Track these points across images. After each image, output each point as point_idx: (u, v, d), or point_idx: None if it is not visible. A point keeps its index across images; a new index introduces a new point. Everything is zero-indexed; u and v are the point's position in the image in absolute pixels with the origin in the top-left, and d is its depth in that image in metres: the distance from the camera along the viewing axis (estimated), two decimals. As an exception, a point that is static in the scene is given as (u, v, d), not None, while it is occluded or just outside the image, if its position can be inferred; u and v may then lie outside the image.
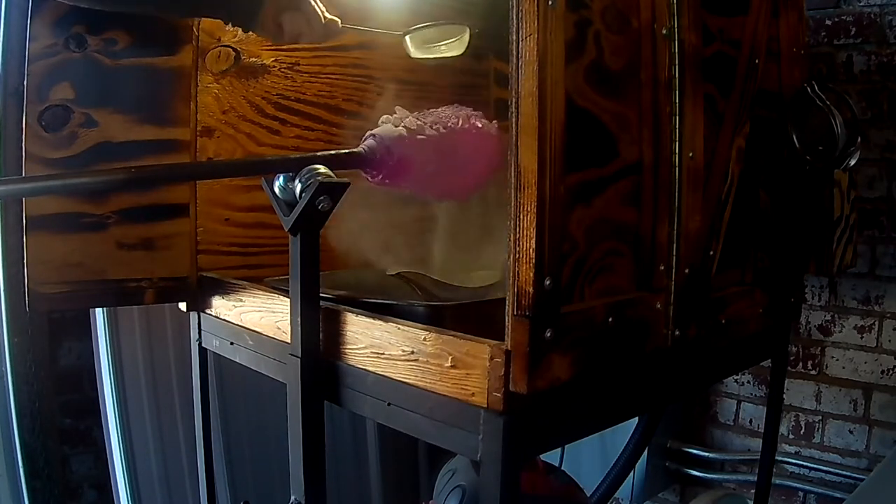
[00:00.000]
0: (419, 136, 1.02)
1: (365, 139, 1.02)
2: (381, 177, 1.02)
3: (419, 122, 1.03)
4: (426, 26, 1.11)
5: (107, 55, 1.08)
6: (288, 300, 0.94)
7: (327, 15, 1.08)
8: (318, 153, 1.03)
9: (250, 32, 1.07)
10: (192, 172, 1.13)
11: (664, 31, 0.86)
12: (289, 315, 0.94)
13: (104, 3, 0.96)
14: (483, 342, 0.75)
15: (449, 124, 1.04)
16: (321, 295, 0.94)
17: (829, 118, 1.13)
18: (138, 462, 1.67)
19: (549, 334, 0.72)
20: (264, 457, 1.82)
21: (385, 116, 1.04)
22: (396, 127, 1.01)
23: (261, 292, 1.09)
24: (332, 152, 1.02)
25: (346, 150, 1.03)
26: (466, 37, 1.10)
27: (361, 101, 1.45)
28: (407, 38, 1.11)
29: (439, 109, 1.06)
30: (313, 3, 1.06)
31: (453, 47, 1.09)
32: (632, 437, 1.64)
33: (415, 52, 1.09)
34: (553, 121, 0.71)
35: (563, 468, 1.43)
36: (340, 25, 1.09)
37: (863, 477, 1.64)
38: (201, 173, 1.15)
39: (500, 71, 1.68)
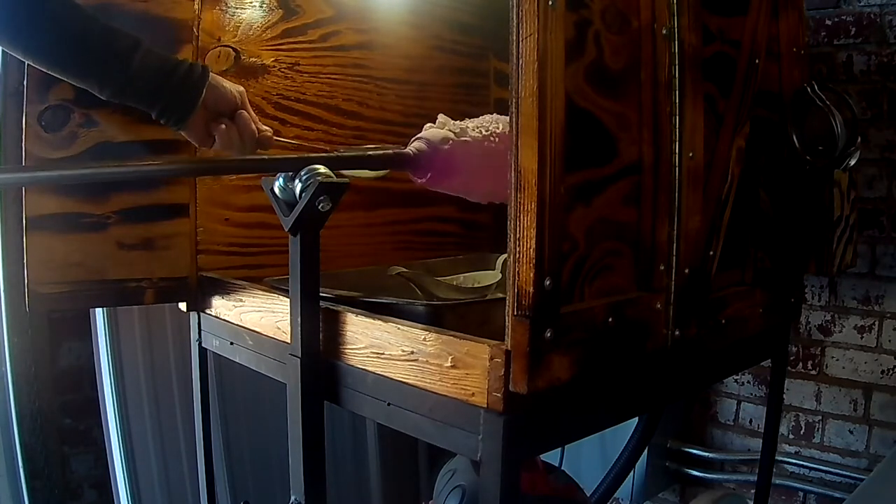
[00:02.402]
0: (464, 139, 1.04)
1: (413, 141, 1.06)
2: (427, 178, 1.06)
3: (463, 127, 1.06)
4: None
5: (107, 55, 1.08)
6: (288, 300, 0.94)
7: (262, 127, 1.05)
8: (369, 152, 1.06)
9: (189, 117, 1.00)
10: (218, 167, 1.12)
11: (664, 31, 0.86)
12: (289, 315, 0.94)
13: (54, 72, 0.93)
14: (483, 342, 0.75)
15: (491, 128, 1.06)
16: (321, 295, 0.94)
17: (829, 118, 1.13)
18: (138, 462, 1.67)
19: (549, 334, 0.72)
20: (264, 457, 1.82)
21: (429, 124, 1.08)
22: (442, 130, 1.05)
23: (261, 292, 1.09)
24: (381, 151, 1.05)
25: (395, 150, 1.06)
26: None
27: (361, 101, 1.45)
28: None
29: (482, 117, 1.09)
30: (247, 116, 1.03)
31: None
32: (632, 437, 1.64)
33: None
34: (553, 121, 0.71)
35: (563, 468, 1.43)
36: (273, 140, 1.06)
37: (863, 477, 1.64)
38: (228, 168, 1.14)
39: (500, 71, 1.69)
